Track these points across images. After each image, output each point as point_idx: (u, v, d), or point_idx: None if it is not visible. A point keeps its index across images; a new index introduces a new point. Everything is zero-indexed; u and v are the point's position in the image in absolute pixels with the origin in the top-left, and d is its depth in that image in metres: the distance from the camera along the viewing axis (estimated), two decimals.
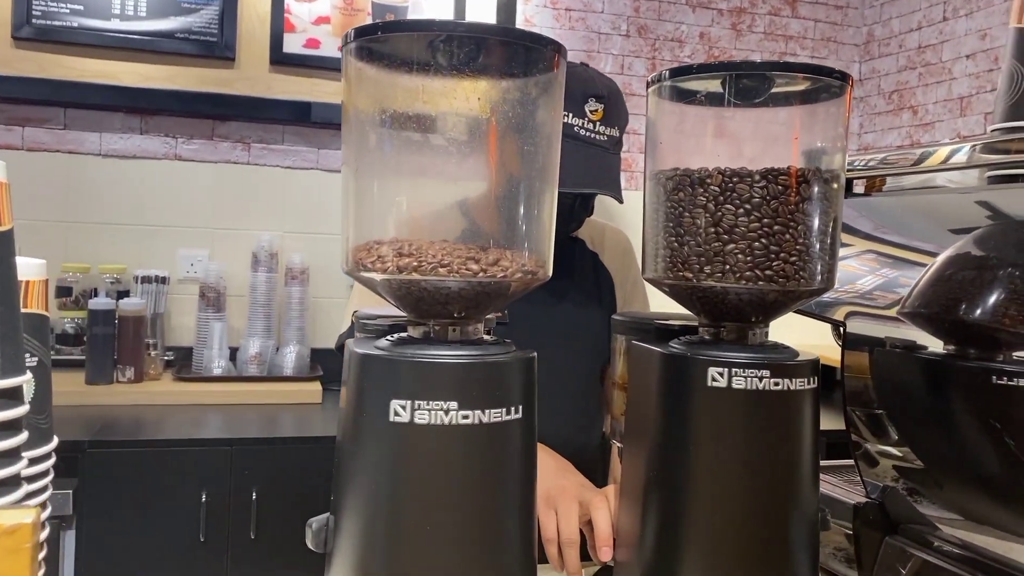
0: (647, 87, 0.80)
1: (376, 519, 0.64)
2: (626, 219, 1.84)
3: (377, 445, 0.64)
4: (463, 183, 0.68)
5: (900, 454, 0.89)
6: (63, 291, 2.42)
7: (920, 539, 0.85)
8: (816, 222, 0.75)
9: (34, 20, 2.40)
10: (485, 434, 0.63)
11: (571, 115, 1.25)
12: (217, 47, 2.54)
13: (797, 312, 0.88)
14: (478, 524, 0.64)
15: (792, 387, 0.73)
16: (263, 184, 2.67)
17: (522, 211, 0.68)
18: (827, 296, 0.99)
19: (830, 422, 0.99)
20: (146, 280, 2.48)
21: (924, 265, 0.91)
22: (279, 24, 2.60)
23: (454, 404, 0.62)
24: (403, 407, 0.62)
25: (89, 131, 2.53)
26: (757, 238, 0.72)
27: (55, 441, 0.73)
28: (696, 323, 0.82)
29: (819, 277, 0.76)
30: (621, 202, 1.30)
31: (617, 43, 2.97)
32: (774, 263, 0.73)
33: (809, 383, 0.75)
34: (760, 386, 0.72)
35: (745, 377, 0.72)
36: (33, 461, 0.68)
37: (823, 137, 0.82)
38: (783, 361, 0.74)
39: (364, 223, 0.68)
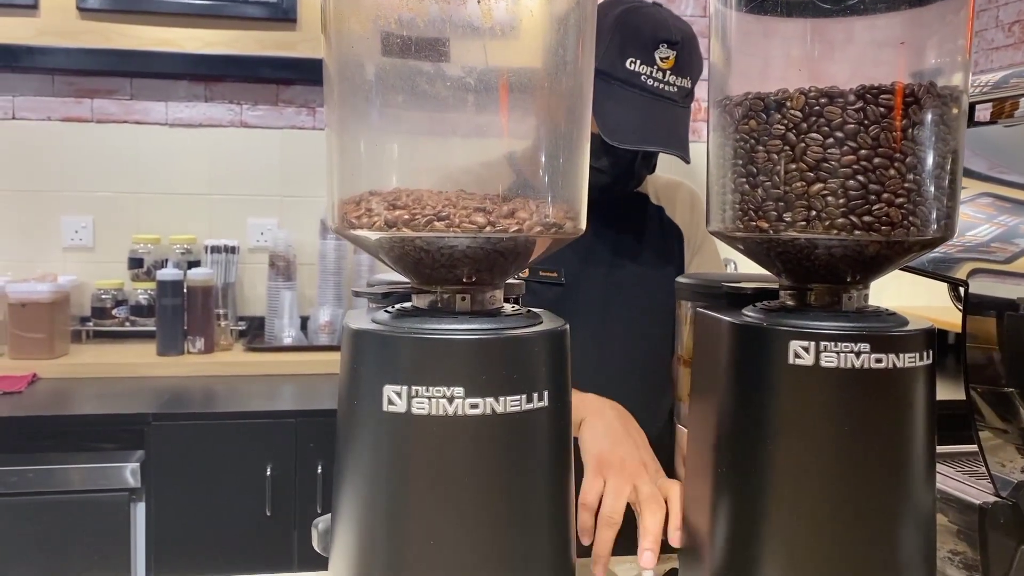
0: None
1: (372, 527, 0.53)
2: (692, 176, 1.66)
3: (371, 440, 0.52)
4: (472, 120, 0.55)
5: None
6: (135, 262, 2.41)
7: None
8: (930, 153, 0.59)
9: None
10: (500, 427, 0.51)
11: (639, 62, 1.11)
12: (278, 9, 2.46)
13: (904, 269, 0.72)
14: (493, 538, 0.51)
15: (900, 364, 0.58)
16: None
17: (544, 153, 0.55)
18: (939, 250, 0.81)
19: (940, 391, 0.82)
20: (216, 250, 2.44)
21: None
22: None
23: (459, 390, 0.50)
24: (398, 394, 0.50)
25: (155, 100, 2.49)
26: (852, 175, 0.57)
27: None
28: (776, 285, 0.67)
29: (934, 224, 0.60)
30: (688, 162, 1.15)
31: None
32: (875, 207, 0.57)
33: (922, 359, 0.59)
34: (857, 363, 0.57)
35: (838, 352, 0.57)
36: None
37: (938, 49, 0.65)
38: (888, 331, 0.58)
39: (351, 172, 0.56)
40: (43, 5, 2.36)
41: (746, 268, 2.30)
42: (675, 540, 0.74)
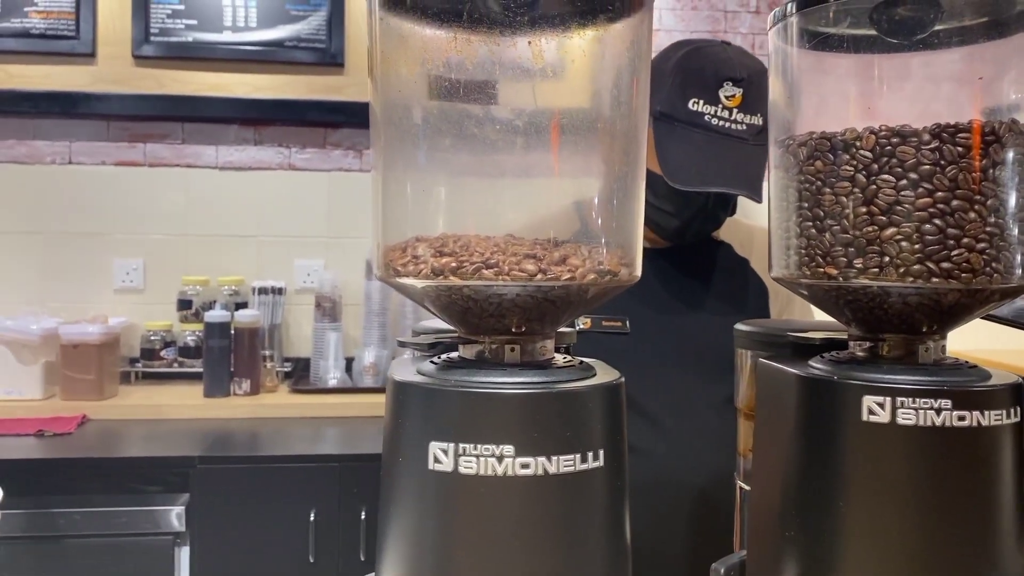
0: (769, 28, 0.62)
1: None
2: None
3: (415, 500, 0.50)
4: (521, 164, 0.53)
5: None
6: (184, 304, 2.44)
7: None
8: (1013, 195, 0.55)
9: (152, 38, 2.43)
10: (552, 489, 0.47)
11: (702, 102, 1.09)
12: (327, 54, 2.49)
13: (983, 318, 0.67)
14: None
15: (985, 422, 0.53)
16: None
17: (597, 197, 0.52)
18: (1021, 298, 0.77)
19: None
20: (263, 291, 2.46)
21: None
22: None
23: (509, 448, 0.47)
24: (444, 452, 0.48)
25: (206, 144, 2.54)
26: (928, 219, 0.53)
27: None
28: (845, 335, 0.63)
29: (1019, 271, 0.56)
30: (759, 202, 1.10)
31: (746, 21, 2.73)
32: (954, 253, 0.53)
33: (1009, 416, 0.54)
34: (938, 421, 0.53)
35: (916, 409, 0.53)
36: None
37: (1017, 84, 0.62)
38: (971, 386, 0.54)
39: (398, 217, 0.54)
40: (100, 53, 2.43)
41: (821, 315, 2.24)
42: None
